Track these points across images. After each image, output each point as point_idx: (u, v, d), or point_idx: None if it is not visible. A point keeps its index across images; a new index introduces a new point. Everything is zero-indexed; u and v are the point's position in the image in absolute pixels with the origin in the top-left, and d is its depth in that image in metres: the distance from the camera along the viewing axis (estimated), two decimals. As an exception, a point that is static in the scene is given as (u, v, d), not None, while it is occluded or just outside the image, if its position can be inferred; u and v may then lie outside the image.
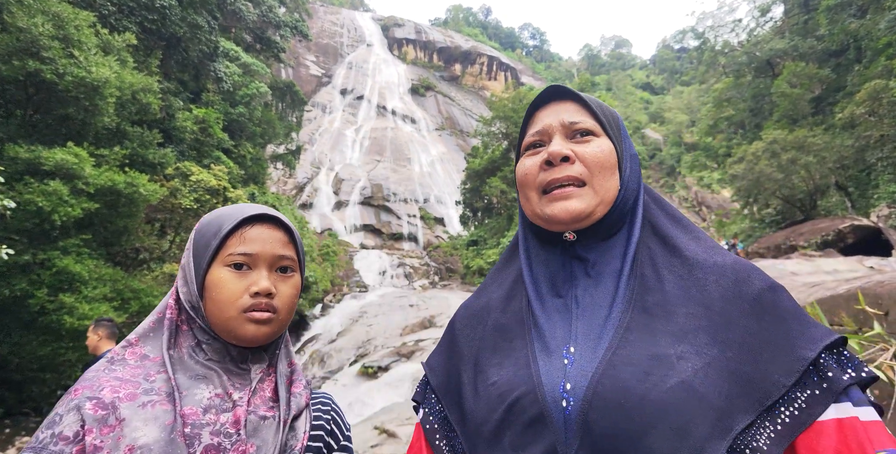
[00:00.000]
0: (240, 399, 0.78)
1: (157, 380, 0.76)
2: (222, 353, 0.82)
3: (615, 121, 0.79)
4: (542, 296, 0.76)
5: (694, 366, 0.60)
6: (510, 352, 0.73)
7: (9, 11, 8.34)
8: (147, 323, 0.83)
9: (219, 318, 0.79)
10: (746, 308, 0.64)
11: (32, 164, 8.31)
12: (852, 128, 16.25)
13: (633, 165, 0.78)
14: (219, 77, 18.29)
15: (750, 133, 26.25)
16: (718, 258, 0.70)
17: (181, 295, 0.83)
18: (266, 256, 0.82)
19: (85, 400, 0.70)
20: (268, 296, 0.80)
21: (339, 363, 13.32)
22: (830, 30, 23.44)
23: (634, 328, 0.66)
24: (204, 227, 0.84)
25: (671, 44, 75.78)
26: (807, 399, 0.59)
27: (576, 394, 0.63)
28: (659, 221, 0.77)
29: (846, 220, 13.62)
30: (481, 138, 36.48)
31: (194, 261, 0.82)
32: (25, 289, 8.01)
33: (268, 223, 0.84)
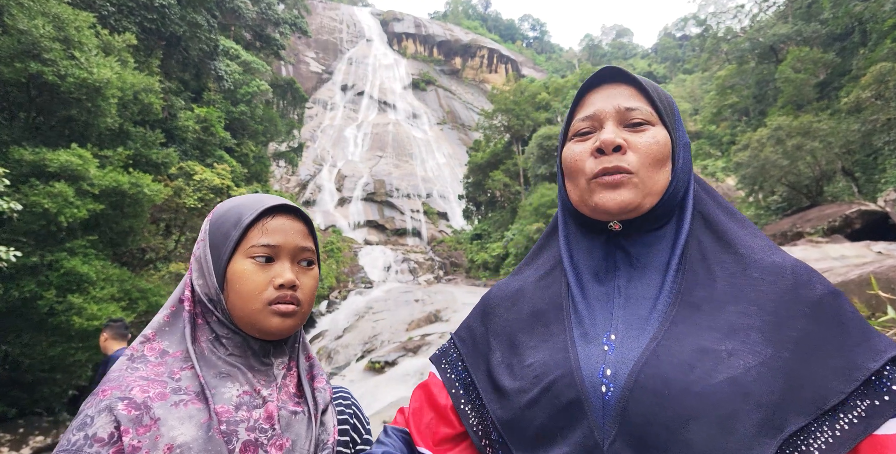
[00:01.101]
0: (269, 395, 0.78)
1: (183, 378, 0.75)
2: (243, 348, 0.80)
3: (671, 108, 0.76)
4: (583, 283, 0.75)
5: (746, 364, 0.59)
6: (547, 336, 0.72)
7: (9, 13, 8.35)
8: (161, 317, 0.81)
9: (242, 311, 0.78)
10: (805, 311, 0.62)
11: (37, 165, 8.35)
12: (858, 112, 16.08)
13: (686, 154, 0.75)
14: (219, 76, 18.29)
15: (754, 120, 26.03)
16: (777, 258, 0.68)
17: (197, 287, 0.81)
18: (289, 248, 0.81)
19: (116, 400, 0.68)
20: (292, 288, 0.80)
21: (346, 359, 13.41)
22: (835, 13, 23.14)
23: (680, 321, 0.64)
24: (221, 218, 0.82)
25: (673, 32, 75.04)
26: (867, 409, 0.57)
27: (616, 381, 0.62)
28: (712, 213, 0.74)
29: (853, 206, 13.50)
30: (483, 132, 36.39)
31: (212, 252, 0.80)
32: (34, 290, 8.08)
33: (288, 214, 0.83)
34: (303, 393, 0.84)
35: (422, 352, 12.07)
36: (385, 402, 9.59)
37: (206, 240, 0.82)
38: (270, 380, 0.80)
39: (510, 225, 28.64)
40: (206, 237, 0.82)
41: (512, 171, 31.79)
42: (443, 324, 15.10)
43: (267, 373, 0.81)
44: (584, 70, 39.94)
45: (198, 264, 0.81)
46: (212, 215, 0.84)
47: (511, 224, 28.54)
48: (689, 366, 0.60)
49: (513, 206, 30.78)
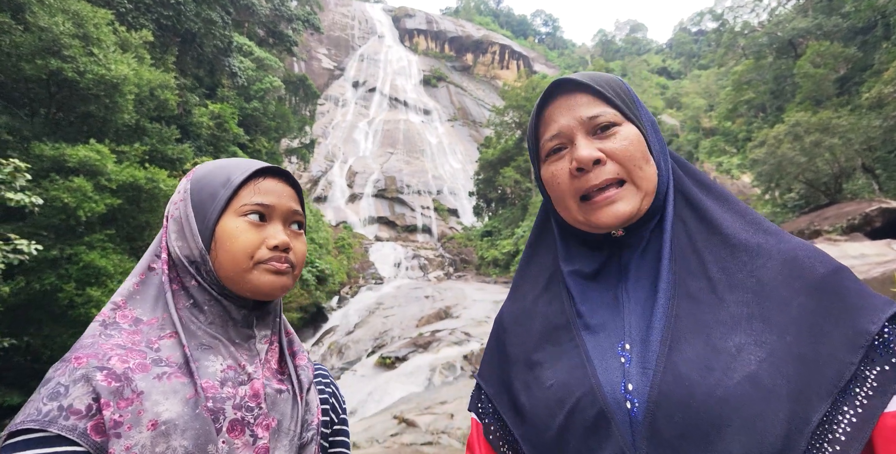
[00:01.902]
0: (254, 371, 0.75)
1: (163, 348, 0.70)
2: (224, 317, 0.76)
3: (628, 96, 0.72)
4: (587, 292, 0.72)
5: (757, 358, 0.56)
6: (561, 353, 0.70)
7: (31, 11, 8.49)
8: (130, 284, 0.75)
9: (233, 270, 0.74)
10: (801, 288, 0.60)
11: (57, 161, 8.51)
12: (880, 107, 15.73)
13: (656, 136, 0.72)
14: (233, 72, 18.44)
15: (771, 116, 25.59)
16: (760, 238, 0.65)
17: (176, 249, 0.75)
18: (282, 210, 0.78)
19: (94, 370, 0.63)
20: (285, 250, 0.77)
21: (356, 354, 13.49)
22: (857, 6, 22.59)
23: (683, 316, 0.62)
24: (204, 178, 0.78)
25: (688, 27, 73.90)
26: (878, 376, 0.54)
27: (640, 395, 0.60)
28: (690, 191, 0.70)
29: (873, 203, 13.23)
30: (494, 128, 36.24)
31: (196, 212, 0.76)
32: (54, 283, 8.26)
33: (278, 177, 0.80)
34: (285, 369, 0.81)
35: (432, 348, 12.11)
36: (395, 397, 9.65)
37: (186, 200, 0.77)
38: (253, 355, 0.77)
39: (521, 222, 28.53)
40: (186, 197, 0.77)
41: (523, 167, 31.64)
42: (453, 321, 15.13)
43: (249, 347, 0.77)
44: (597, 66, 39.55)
45: (177, 225, 0.77)
46: (191, 175, 0.80)
47: (522, 221, 28.44)
48: (707, 367, 0.57)
49: (523, 203, 30.65)
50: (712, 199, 0.71)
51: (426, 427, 7.13)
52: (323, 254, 21.64)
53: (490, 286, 21.86)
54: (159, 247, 0.78)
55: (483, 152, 35.32)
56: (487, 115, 45.50)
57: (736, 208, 0.70)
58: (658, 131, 0.73)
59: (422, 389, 9.99)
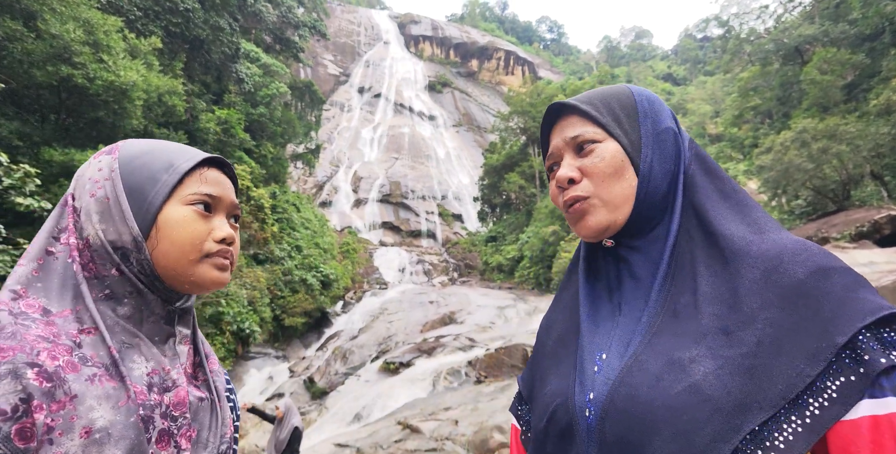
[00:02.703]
0: (178, 377, 0.70)
1: (84, 344, 0.63)
2: (144, 312, 0.70)
3: (625, 109, 0.73)
4: (594, 301, 0.74)
5: (705, 369, 0.56)
6: (563, 359, 0.74)
7: (42, 19, 8.61)
8: (27, 270, 0.66)
9: (176, 262, 0.69)
10: (772, 298, 0.57)
11: (66, 166, 8.59)
12: (888, 114, 15.63)
13: (663, 143, 0.72)
14: (240, 78, 18.59)
15: (777, 122, 25.51)
16: (755, 245, 0.62)
17: (99, 233, 0.68)
18: (227, 202, 0.75)
19: (24, 366, 0.55)
20: (230, 244, 0.74)
21: (361, 359, 13.48)
22: (864, 13, 22.54)
23: (662, 332, 0.63)
24: (138, 159, 0.71)
25: (694, 33, 73.97)
26: (840, 387, 0.51)
27: (596, 403, 0.63)
28: (705, 202, 0.69)
29: (882, 211, 13.12)
30: (499, 134, 36.31)
31: (130, 194, 0.69)
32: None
33: (221, 168, 0.77)
34: (198, 374, 0.77)
35: (436, 353, 12.09)
36: (399, 403, 9.61)
37: (114, 180, 0.69)
38: (175, 358, 0.72)
39: (525, 227, 28.50)
40: (113, 176, 0.70)
41: (527, 173, 31.65)
42: (457, 326, 15.09)
43: (169, 346, 0.72)
44: (602, 72, 39.56)
45: (100, 206, 0.69)
46: (116, 153, 0.72)
47: (526, 226, 28.41)
48: (656, 378, 0.59)
49: (528, 208, 30.63)
50: (728, 208, 0.69)
51: (430, 433, 7.10)
52: (328, 258, 21.68)
53: (494, 292, 21.82)
54: (58, 229, 0.69)
55: (488, 158, 35.38)
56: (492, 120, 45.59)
57: (749, 217, 0.67)
58: (668, 141, 0.72)
59: (426, 395, 9.96)
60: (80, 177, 0.72)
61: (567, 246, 21.04)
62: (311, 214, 24.35)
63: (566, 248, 20.91)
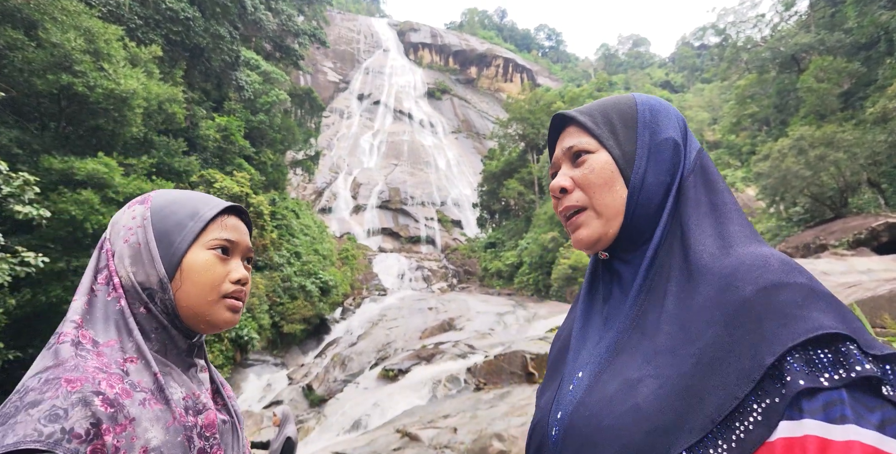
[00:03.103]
0: (207, 401, 0.77)
1: (131, 372, 0.70)
2: (168, 346, 0.77)
3: (623, 119, 0.72)
4: (590, 316, 0.74)
5: (647, 390, 0.56)
6: (554, 375, 0.75)
7: (43, 28, 8.66)
8: (81, 303, 0.73)
9: (196, 302, 0.77)
10: (718, 317, 0.55)
11: (65, 174, 8.60)
12: (885, 122, 15.71)
13: (659, 155, 0.69)
14: (240, 85, 18.67)
15: (775, 130, 25.63)
16: (719, 261, 0.60)
17: (130, 274, 0.75)
18: (242, 246, 0.83)
19: (91, 394, 0.63)
20: (244, 284, 0.81)
21: (359, 366, 13.42)
22: (859, 22, 22.73)
23: (625, 350, 0.63)
24: (167, 207, 0.79)
25: (691, 41, 74.52)
26: (764, 410, 0.50)
27: (561, 423, 0.64)
28: (691, 215, 0.66)
29: (880, 218, 13.16)
30: (498, 140, 36.42)
31: (159, 240, 0.77)
32: (60, 295, 8.29)
33: (240, 216, 0.86)
34: (218, 400, 0.84)
35: (435, 360, 12.03)
36: (398, 411, 9.55)
37: (146, 227, 0.77)
38: (200, 384, 0.80)
39: (524, 234, 28.51)
40: (145, 224, 0.77)
41: (526, 179, 31.72)
42: (456, 333, 15.04)
43: (192, 375, 0.80)
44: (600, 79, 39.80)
45: (132, 250, 0.76)
46: (149, 203, 0.80)
47: (525, 233, 28.41)
48: (609, 400, 0.59)
49: (527, 214, 30.66)
50: (710, 221, 0.66)
51: (429, 441, 7.06)
52: (327, 265, 21.64)
53: (494, 298, 21.77)
54: (97, 270, 0.76)
55: (487, 164, 35.47)
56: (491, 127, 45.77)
57: (725, 230, 0.64)
58: (665, 152, 0.70)
59: (425, 402, 9.90)
60: (116, 223, 0.80)
61: (566, 252, 21.03)
62: (310, 221, 24.34)
63: (565, 255, 20.90)
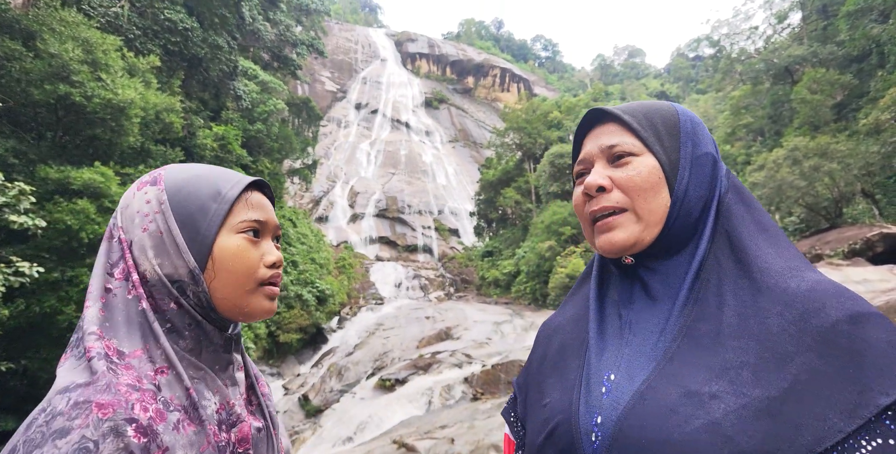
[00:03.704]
0: (241, 411, 0.71)
1: (162, 386, 0.63)
2: (203, 342, 0.70)
3: (667, 126, 0.72)
4: (604, 317, 0.73)
5: (727, 407, 0.54)
6: (566, 371, 0.71)
7: (41, 38, 8.70)
8: (95, 311, 0.66)
9: (233, 292, 0.69)
10: (809, 342, 0.55)
11: (62, 183, 8.58)
12: (878, 134, 15.88)
13: (700, 168, 0.70)
14: (238, 95, 18.74)
15: (769, 140, 25.84)
16: (793, 283, 0.60)
17: (155, 267, 0.67)
18: (272, 225, 0.75)
19: (123, 423, 0.56)
20: (279, 267, 0.74)
21: (356, 376, 13.32)
22: (851, 35, 23.07)
23: (677, 359, 0.60)
24: (184, 188, 0.70)
25: (686, 52, 75.37)
26: (875, 449, 0.49)
27: (604, 429, 0.60)
28: (740, 231, 0.67)
29: (874, 228, 13.23)
30: (495, 149, 36.61)
31: (185, 226, 0.68)
32: (54, 305, 8.22)
33: (262, 190, 0.77)
34: (252, 399, 0.78)
35: (432, 370, 11.97)
36: (395, 421, 9.48)
37: (164, 213, 0.68)
38: (235, 388, 0.73)
39: (521, 242, 28.51)
40: (163, 209, 0.68)
41: (523, 188, 31.82)
42: (453, 342, 14.97)
43: (228, 375, 0.73)
44: (597, 89, 40.17)
45: (153, 240, 0.67)
46: (162, 183, 0.70)
47: (522, 241, 28.42)
48: (671, 411, 0.56)
49: (524, 223, 30.70)
50: (765, 240, 0.66)
51: (426, 452, 6.99)
52: (323, 274, 21.55)
53: (491, 307, 21.71)
54: (110, 264, 0.68)
55: (484, 173, 35.59)
56: (488, 136, 46.01)
57: (788, 253, 0.65)
58: (707, 164, 0.71)
59: (422, 412, 9.84)
60: (126, 209, 0.70)
61: (563, 261, 21.04)
62: (307, 229, 24.29)
63: (562, 264, 20.90)
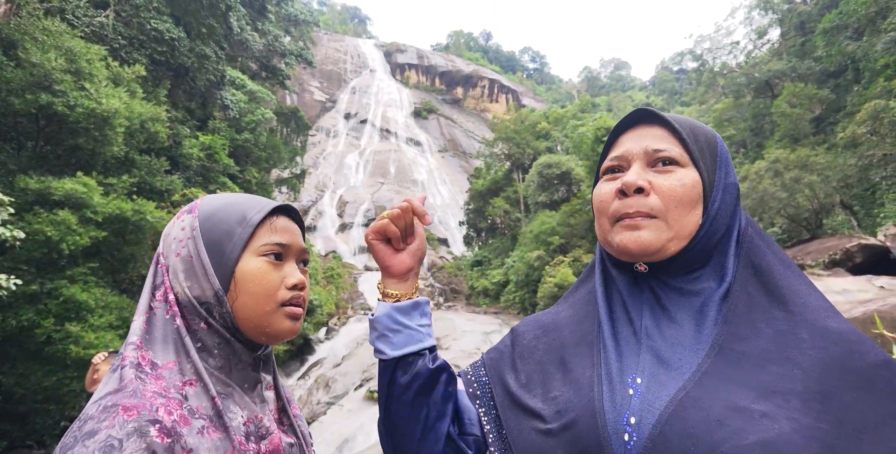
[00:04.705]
0: (271, 425, 0.73)
1: (189, 396, 0.67)
2: (233, 361, 0.73)
3: (709, 147, 0.72)
4: (615, 320, 0.73)
5: (780, 429, 0.55)
6: (574, 372, 0.71)
7: (23, 48, 8.60)
8: (139, 323, 0.71)
9: (254, 313, 0.72)
10: (853, 380, 0.58)
11: (42, 194, 8.43)
12: (854, 147, 16.30)
13: (728, 196, 0.71)
14: (225, 104, 18.66)
15: (752, 152, 26.36)
16: (833, 322, 0.63)
17: (185, 290, 0.72)
18: (296, 249, 0.79)
19: (147, 424, 0.59)
20: (301, 289, 0.77)
21: (344, 388, 13.16)
22: (828, 51, 23.76)
23: (714, 374, 0.61)
24: (215, 215, 0.75)
25: (670, 66, 76.93)
26: None
27: (640, 431, 0.60)
28: (765, 263, 0.69)
29: (853, 239, 13.51)
30: (484, 159, 36.82)
31: (210, 251, 0.73)
32: (32, 319, 8.02)
33: (289, 215, 0.81)
34: (284, 419, 0.80)
35: (420, 383, 11.85)
36: (382, 436, 9.35)
37: (196, 238, 0.73)
38: (264, 405, 0.76)
39: (511, 252, 28.57)
40: (195, 235, 0.74)
41: (512, 198, 31.99)
42: (442, 353, 14.85)
43: (258, 393, 0.76)
44: (584, 101, 40.77)
45: (185, 264, 0.73)
46: (196, 211, 0.76)
47: (511, 251, 28.48)
48: (718, 423, 0.57)
49: (513, 233, 30.80)
50: (792, 275, 0.69)
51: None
52: (311, 284, 21.34)
53: (480, 317, 21.65)
54: (154, 286, 0.73)
55: (473, 183, 35.73)
56: (477, 146, 46.30)
57: (812, 289, 0.68)
58: (733, 194, 0.72)
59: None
60: (167, 236, 0.77)
61: (551, 271, 21.11)
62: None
63: (551, 273, 20.96)
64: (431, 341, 0.81)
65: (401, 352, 0.77)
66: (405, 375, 0.76)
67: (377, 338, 0.79)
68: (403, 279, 0.83)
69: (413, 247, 0.83)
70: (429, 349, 0.80)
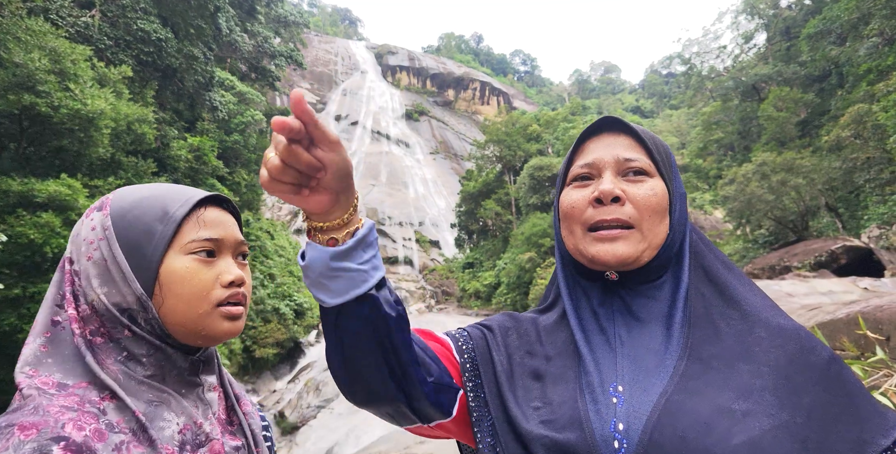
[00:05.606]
0: (212, 430, 0.68)
1: (108, 410, 0.60)
2: (167, 367, 0.67)
3: (668, 158, 0.75)
4: (586, 330, 0.73)
5: (762, 426, 0.57)
6: (553, 382, 0.71)
7: (6, 47, 8.46)
8: (34, 347, 0.62)
9: (186, 317, 0.66)
10: (815, 377, 0.62)
11: (25, 196, 8.29)
12: (839, 150, 16.57)
13: (682, 205, 0.75)
14: (214, 106, 18.51)
15: (739, 155, 26.70)
16: (781, 320, 0.68)
17: (101, 297, 0.65)
18: (230, 242, 0.71)
19: (48, 442, 0.52)
20: (240, 285, 0.71)
21: (334, 391, 13.09)
22: (812, 56, 24.17)
23: (692, 377, 0.63)
24: (130, 212, 0.67)
25: (659, 69, 77.75)
26: None
27: (629, 436, 0.61)
28: (712, 266, 0.74)
29: (838, 241, 13.71)
30: (475, 161, 36.90)
31: (127, 252, 0.65)
32: (14, 323, 7.88)
33: (220, 205, 0.73)
34: (233, 419, 0.75)
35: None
36: (374, 436, 9.32)
37: (110, 239, 0.66)
38: (206, 408, 0.70)
39: (502, 254, 28.64)
40: (108, 236, 0.66)
41: (504, 200, 32.08)
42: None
43: (198, 397, 0.70)
44: (574, 103, 41.01)
45: (98, 268, 0.65)
46: (107, 208, 0.68)
47: (503, 253, 28.55)
48: (706, 425, 0.58)
49: (505, 235, 30.88)
50: (733, 277, 0.73)
51: (403, 472, 6.86)
52: (302, 287, 21.21)
53: (472, 319, 21.64)
54: (60, 296, 0.65)
55: (465, 185, 35.79)
56: (469, 148, 46.41)
57: (755, 289, 0.73)
58: (685, 202, 0.76)
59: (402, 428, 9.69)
60: (76, 237, 0.68)
61: (543, 273, 21.18)
62: (285, 242, 23.96)
63: (542, 275, 21.04)
64: (379, 274, 0.65)
65: (343, 299, 0.63)
66: (352, 321, 0.64)
67: (312, 285, 0.64)
68: (331, 210, 0.63)
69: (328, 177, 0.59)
70: (376, 286, 0.65)
